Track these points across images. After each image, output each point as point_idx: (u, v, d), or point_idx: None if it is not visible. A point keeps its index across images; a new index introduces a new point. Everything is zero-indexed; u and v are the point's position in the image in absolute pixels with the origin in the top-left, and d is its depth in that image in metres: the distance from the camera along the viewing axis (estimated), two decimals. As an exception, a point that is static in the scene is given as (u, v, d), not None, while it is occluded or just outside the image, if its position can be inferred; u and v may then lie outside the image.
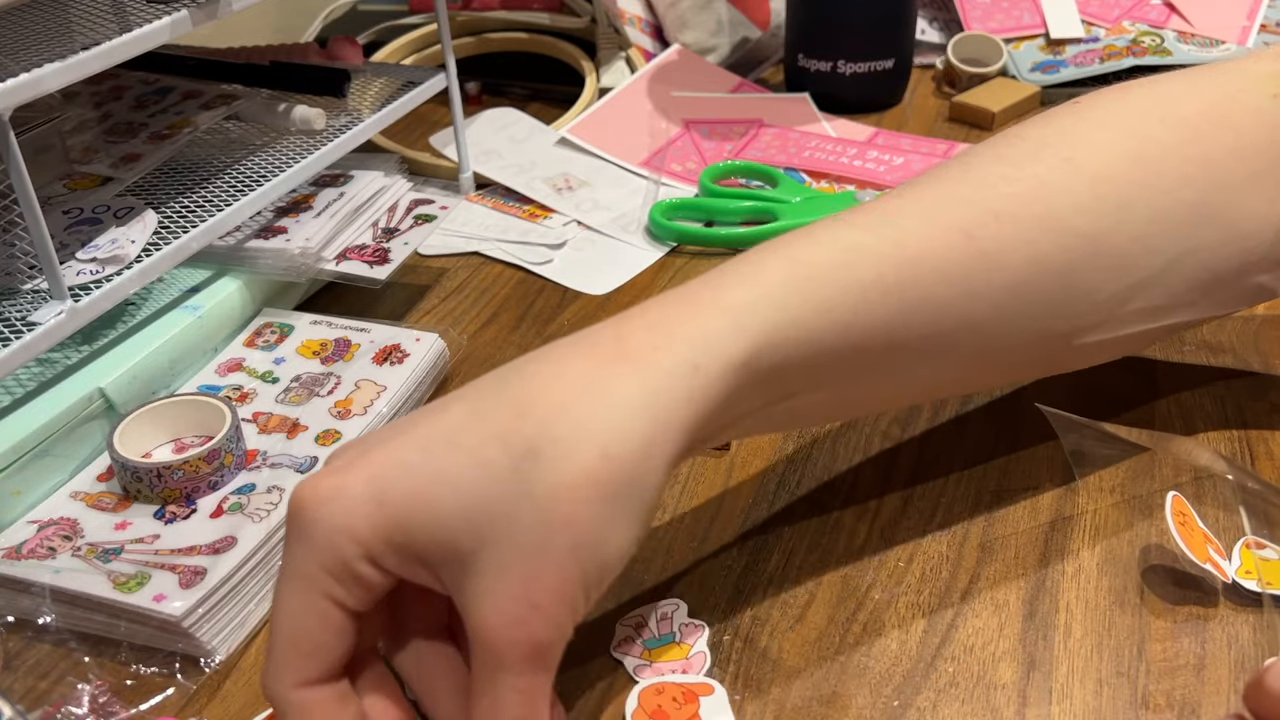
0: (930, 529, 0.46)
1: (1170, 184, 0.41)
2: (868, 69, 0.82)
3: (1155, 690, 0.38)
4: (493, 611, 0.31)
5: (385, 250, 0.61)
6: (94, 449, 0.50)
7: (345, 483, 0.33)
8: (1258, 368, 0.54)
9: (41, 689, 0.41)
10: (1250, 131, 0.43)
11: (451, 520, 0.32)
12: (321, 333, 0.57)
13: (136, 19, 0.49)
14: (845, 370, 0.38)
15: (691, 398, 0.34)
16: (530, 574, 0.31)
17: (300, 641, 0.33)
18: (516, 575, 0.31)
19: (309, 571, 0.32)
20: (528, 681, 0.32)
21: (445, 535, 0.32)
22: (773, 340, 0.36)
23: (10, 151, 0.43)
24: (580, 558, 0.32)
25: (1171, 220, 0.41)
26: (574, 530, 0.32)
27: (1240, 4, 0.89)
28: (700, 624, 0.42)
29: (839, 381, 0.39)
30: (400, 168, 0.68)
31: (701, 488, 0.49)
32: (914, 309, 0.38)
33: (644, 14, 0.91)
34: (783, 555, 0.45)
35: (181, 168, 0.59)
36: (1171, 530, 0.41)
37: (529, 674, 0.32)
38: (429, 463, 0.32)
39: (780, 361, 0.36)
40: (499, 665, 0.32)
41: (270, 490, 0.46)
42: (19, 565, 0.43)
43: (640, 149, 0.77)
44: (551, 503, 0.31)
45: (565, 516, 0.31)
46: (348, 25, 0.98)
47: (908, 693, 0.39)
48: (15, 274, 0.49)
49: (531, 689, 0.32)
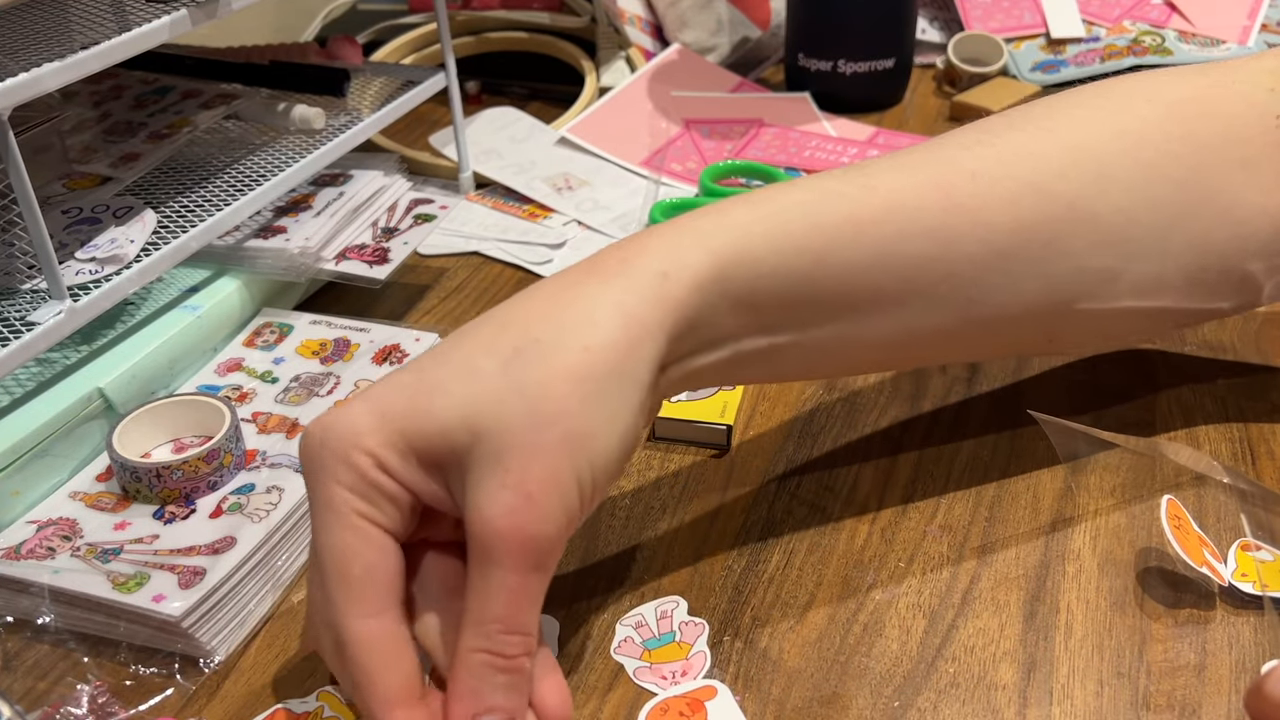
0: (930, 529, 0.46)
1: (1154, 158, 0.41)
2: (868, 69, 0.82)
3: (1156, 691, 0.38)
4: (486, 502, 0.32)
5: (385, 250, 0.61)
6: (93, 449, 0.50)
7: (346, 411, 0.34)
8: (1258, 368, 0.54)
9: (41, 689, 0.41)
10: (1241, 119, 0.42)
11: (448, 421, 0.33)
12: (321, 332, 0.57)
13: (136, 18, 0.49)
14: (823, 310, 0.39)
15: (662, 300, 0.35)
16: (522, 463, 0.32)
17: (350, 567, 0.33)
18: (508, 465, 0.32)
19: (335, 497, 0.34)
20: (517, 579, 0.33)
21: (443, 435, 0.33)
22: (742, 260, 0.37)
23: (9, 151, 0.43)
24: (570, 449, 0.33)
25: (1157, 196, 0.41)
26: (562, 422, 0.33)
27: (1241, 4, 0.89)
28: (700, 622, 0.42)
29: (818, 322, 0.39)
30: (400, 167, 0.68)
31: (701, 488, 0.49)
32: (889, 256, 0.39)
33: (644, 13, 0.91)
34: (783, 555, 0.45)
35: (181, 167, 0.59)
36: (1167, 534, 0.40)
37: (519, 571, 0.32)
38: (422, 378, 0.34)
39: (752, 285, 0.37)
40: (490, 559, 0.32)
41: (270, 490, 0.46)
42: (18, 565, 0.43)
43: (640, 148, 0.77)
44: (539, 397, 0.33)
45: (553, 409, 0.33)
46: (347, 25, 0.98)
47: (908, 693, 0.39)
48: (14, 274, 0.49)
49: (521, 588, 0.33)
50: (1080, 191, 0.41)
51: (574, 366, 0.34)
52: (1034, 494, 0.47)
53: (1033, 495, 0.47)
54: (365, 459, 0.34)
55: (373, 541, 0.34)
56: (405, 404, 0.34)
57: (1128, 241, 0.41)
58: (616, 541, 0.46)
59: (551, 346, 0.34)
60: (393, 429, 0.34)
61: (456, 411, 0.33)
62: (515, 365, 0.34)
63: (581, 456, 0.33)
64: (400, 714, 0.33)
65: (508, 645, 0.33)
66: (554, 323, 0.35)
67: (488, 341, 0.35)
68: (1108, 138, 0.42)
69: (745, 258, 0.37)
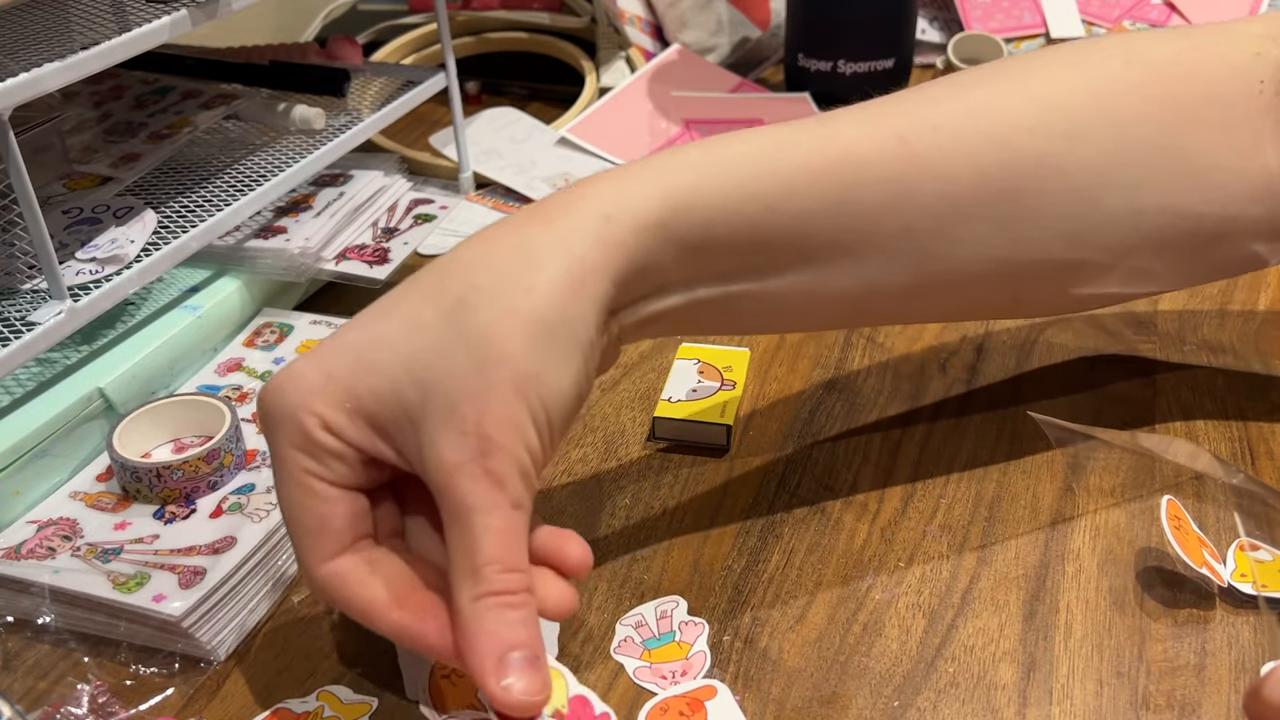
0: (930, 529, 0.46)
1: (1129, 119, 0.41)
2: (868, 69, 0.82)
3: (1155, 691, 0.38)
4: (448, 450, 0.32)
5: (385, 250, 0.61)
6: (93, 449, 0.50)
7: (295, 369, 0.35)
8: (1258, 368, 0.54)
9: (41, 689, 0.41)
10: (1223, 83, 0.42)
11: (394, 377, 0.33)
12: (321, 332, 0.57)
13: (136, 19, 0.49)
14: (778, 260, 0.39)
15: (605, 242, 0.35)
16: (476, 408, 0.32)
17: (304, 520, 0.35)
18: (463, 413, 0.32)
19: (285, 455, 0.34)
20: (500, 520, 0.33)
21: (390, 393, 0.33)
22: (690, 204, 0.36)
23: (10, 151, 0.43)
24: (521, 389, 0.33)
25: (1130, 156, 0.41)
26: (509, 363, 0.33)
27: (1240, 4, 0.89)
28: (700, 621, 0.42)
29: (772, 272, 0.39)
30: (400, 167, 0.68)
31: (701, 488, 0.49)
32: (844, 204, 0.38)
33: (644, 14, 0.91)
34: (783, 555, 0.45)
35: (181, 167, 0.59)
36: (1167, 534, 0.40)
37: (498, 509, 0.33)
38: (366, 333, 0.35)
39: (701, 230, 0.37)
40: (466, 507, 0.32)
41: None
42: (18, 565, 0.43)
43: (640, 148, 0.77)
44: (484, 341, 0.33)
45: (499, 352, 0.33)
46: (347, 25, 0.98)
47: (908, 693, 0.39)
48: (15, 274, 0.49)
49: (506, 527, 0.33)
50: (1049, 147, 0.40)
51: (517, 308, 0.33)
52: (1034, 494, 0.47)
53: (1033, 495, 0.47)
54: (311, 419, 0.34)
55: (319, 495, 0.34)
56: (351, 362, 0.34)
57: (1096, 201, 0.40)
58: (616, 541, 0.46)
59: (493, 291, 0.34)
60: (339, 388, 0.34)
61: (403, 367, 0.34)
62: (458, 314, 0.34)
63: (533, 396, 0.33)
64: (394, 616, 0.34)
65: (511, 582, 0.33)
66: (495, 268, 0.34)
67: (430, 293, 0.35)
68: (1082, 95, 0.41)
69: (693, 202, 0.37)
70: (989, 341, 0.57)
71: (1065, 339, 0.56)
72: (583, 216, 0.35)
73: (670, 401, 0.52)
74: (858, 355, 0.56)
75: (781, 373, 0.55)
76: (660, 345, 0.58)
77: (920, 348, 0.57)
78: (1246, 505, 0.45)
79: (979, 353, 0.56)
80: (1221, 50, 0.43)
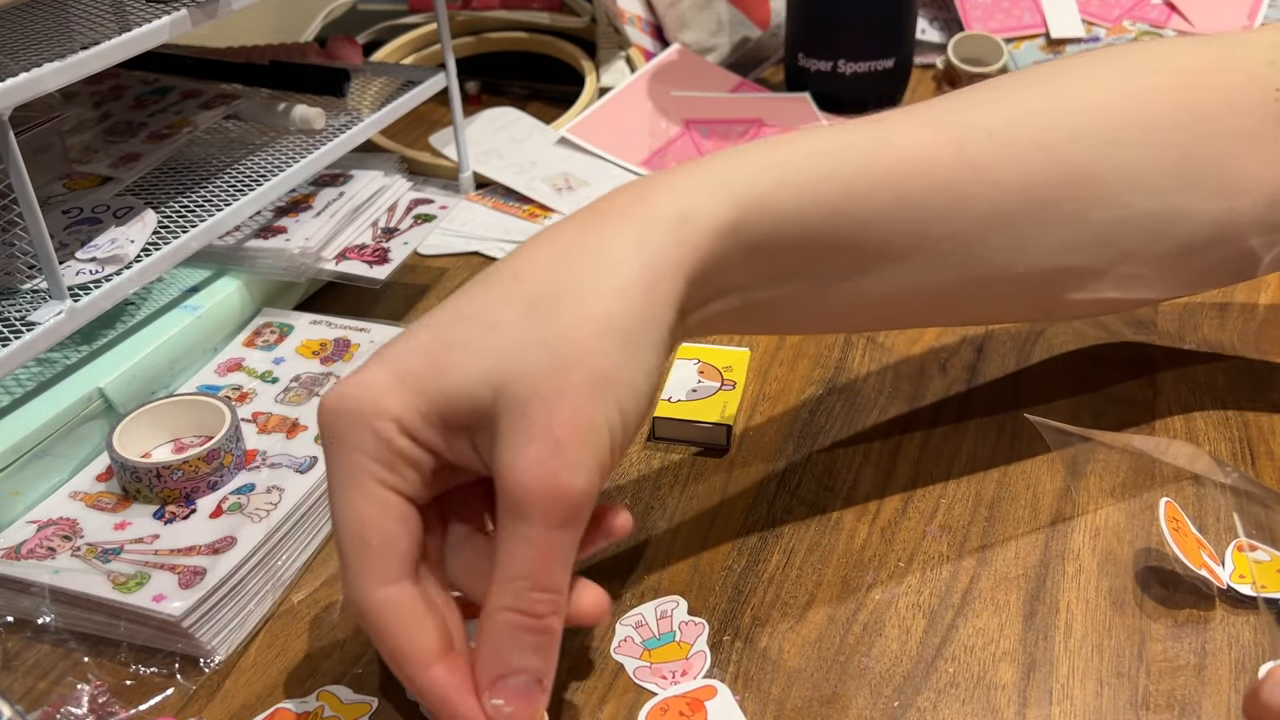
0: (930, 529, 0.46)
1: (1161, 125, 0.41)
2: (868, 69, 0.82)
3: (1155, 691, 0.38)
4: (513, 457, 0.32)
5: (385, 250, 0.61)
6: (93, 449, 0.50)
7: (364, 375, 0.33)
8: (1258, 368, 0.54)
9: (41, 689, 0.41)
10: (1241, 91, 0.42)
11: (469, 379, 0.32)
12: (321, 332, 0.57)
13: (136, 18, 0.49)
14: (833, 263, 0.39)
15: (681, 243, 0.34)
16: (547, 411, 0.31)
17: (368, 537, 0.33)
18: (534, 416, 0.32)
19: (356, 466, 0.33)
20: (545, 535, 0.32)
21: (466, 394, 0.32)
22: (761, 208, 0.36)
23: (10, 151, 0.43)
24: (597, 391, 0.32)
25: (1161, 163, 0.41)
26: (586, 363, 0.32)
27: (1240, 4, 0.89)
28: (700, 621, 0.42)
29: (826, 275, 0.39)
30: (400, 167, 0.68)
31: (701, 488, 0.49)
32: (902, 209, 0.38)
33: (644, 13, 0.91)
34: (783, 555, 0.45)
35: (181, 167, 0.59)
36: (1165, 536, 0.40)
37: (547, 525, 0.32)
38: (438, 335, 0.34)
39: (768, 233, 0.37)
40: (519, 514, 0.32)
41: (270, 490, 0.46)
42: (18, 565, 0.43)
43: (640, 149, 0.77)
44: (561, 342, 0.32)
45: (576, 351, 0.32)
46: (347, 25, 0.98)
47: (908, 693, 0.39)
48: (15, 274, 0.49)
49: (549, 544, 0.32)
50: (1089, 155, 0.40)
51: (595, 310, 0.33)
52: (1034, 494, 0.47)
53: (1032, 495, 0.47)
54: (388, 425, 0.33)
55: (392, 511, 0.33)
56: (423, 364, 0.33)
57: (1129, 206, 0.41)
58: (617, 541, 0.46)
59: (569, 293, 0.33)
60: (413, 391, 0.33)
61: (477, 367, 0.33)
62: (535, 315, 0.33)
63: (609, 398, 0.32)
64: (435, 671, 0.33)
65: (536, 604, 0.32)
66: (569, 269, 0.34)
67: (504, 294, 0.34)
68: (1117, 102, 0.41)
69: (763, 205, 0.36)
70: (989, 342, 0.57)
71: (1065, 339, 0.56)
72: (657, 217, 0.35)
73: (670, 401, 0.52)
74: (858, 355, 0.56)
75: (781, 373, 0.55)
76: (660, 345, 0.58)
77: (920, 348, 0.57)
78: (1245, 506, 0.45)
79: (979, 353, 0.56)
80: (1238, 60, 0.43)
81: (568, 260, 0.34)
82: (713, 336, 0.58)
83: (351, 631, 0.43)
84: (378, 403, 0.33)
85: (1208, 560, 0.41)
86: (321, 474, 0.47)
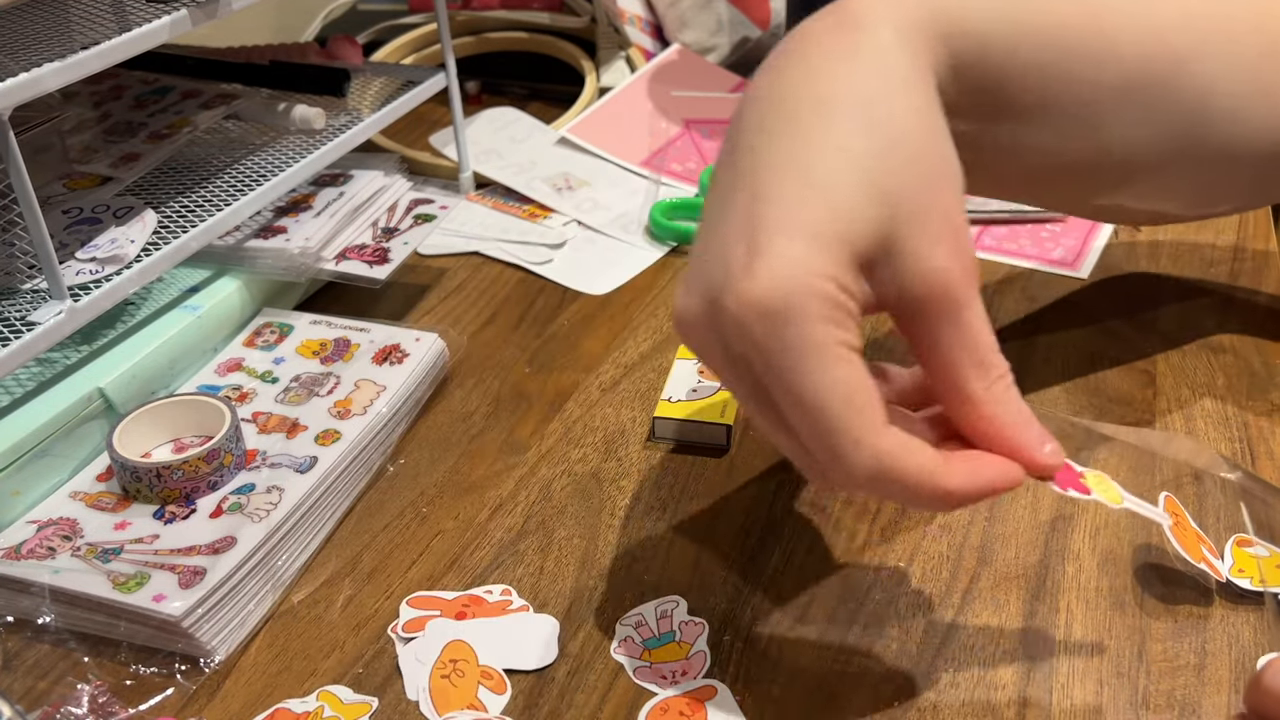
0: (930, 529, 0.46)
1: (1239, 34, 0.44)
2: (868, 68, 0.82)
3: (1155, 690, 0.38)
4: (934, 258, 0.33)
5: (385, 250, 0.61)
6: (93, 449, 0.50)
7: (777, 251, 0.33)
8: (1258, 368, 0.54)
9: (41, 689, 0.41)
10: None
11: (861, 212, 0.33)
12: (321, 332, 0.57)
13: (136, 18, 0.49)
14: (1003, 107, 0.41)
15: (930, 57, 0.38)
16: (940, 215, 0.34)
17: (856, 398, 0.33)
18: (932, 222, 0.34)
19: (821, 336, 0.32)
20: (979, 309, 0.35)
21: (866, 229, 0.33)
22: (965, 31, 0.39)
23: (10, 151, 0.43)
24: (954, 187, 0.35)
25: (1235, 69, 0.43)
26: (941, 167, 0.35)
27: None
28: (700, 621, 0.42)
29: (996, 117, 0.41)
30: (400, 167, 0.68)
31: (701, 488, 0.49)
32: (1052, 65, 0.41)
33: (644, 13, 0.91)
34: (783, 555, 0.45)
35: (181, 167, 0.59)
36: (1165, 530, 0.40)
37: (979, 302, 0.35)
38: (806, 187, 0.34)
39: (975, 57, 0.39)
40: (956, 304, 0.34)
41: (270, 490, 0.46)
42: (18, 565, 0.43)
43: (640, 149, 0.77)
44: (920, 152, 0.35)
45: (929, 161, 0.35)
46: (347, 25, 0.98)
47: (908, 693, 0.39)
48: (15, 274, 0.49)
49: (983, 316, 0.35)
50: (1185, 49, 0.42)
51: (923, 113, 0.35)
52: (1034, 493, 0.47)
53: (1032, 494, 0.47)
54: (829, 285, 0.33)
55: (860, 365, 0.33)
56: (820, 216, 0.33)
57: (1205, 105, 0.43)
58: (616, 541, 0.46)
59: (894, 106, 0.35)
60: (830, 245, 0.33)
61: (863, 199, 0.33)
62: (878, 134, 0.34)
63: (959, 188, 0.36)
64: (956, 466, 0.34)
65: (1004, 364, 0.35)
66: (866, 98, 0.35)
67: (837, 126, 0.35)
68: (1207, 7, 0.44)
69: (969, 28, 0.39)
70: (989, 341, 0.57)
71: (1065, 339, 0.56)
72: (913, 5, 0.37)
73: (670, 401, 0.52)
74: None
75: (781, 373, 0.55)
76: (660, 345, 0.58)
77: (920, 348, 0.56)
78: (1246, 503, 0.45)
79: (979, 353, 0.56)
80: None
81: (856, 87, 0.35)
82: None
83: (352, 631, 0.43)
84: (809, 269, 0.32)
85: (1207, 555, 0.41)
86: (321, 474, 0.47)
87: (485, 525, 0.48)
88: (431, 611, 0.43)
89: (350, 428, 0.50)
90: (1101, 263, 0.63)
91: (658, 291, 0.63)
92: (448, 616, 0.43)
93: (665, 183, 0.74)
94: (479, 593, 0.44)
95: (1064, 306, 0.59)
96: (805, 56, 0.36)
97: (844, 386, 0.32)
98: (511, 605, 0.43)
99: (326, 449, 0.49)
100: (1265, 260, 0.62)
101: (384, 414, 0.51)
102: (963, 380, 0.35)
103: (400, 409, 0.52)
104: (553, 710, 0.39)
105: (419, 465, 0.51)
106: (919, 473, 0.33)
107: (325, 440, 0.49)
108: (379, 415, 0.51)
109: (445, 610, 0.43)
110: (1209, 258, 0.62)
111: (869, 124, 0.34)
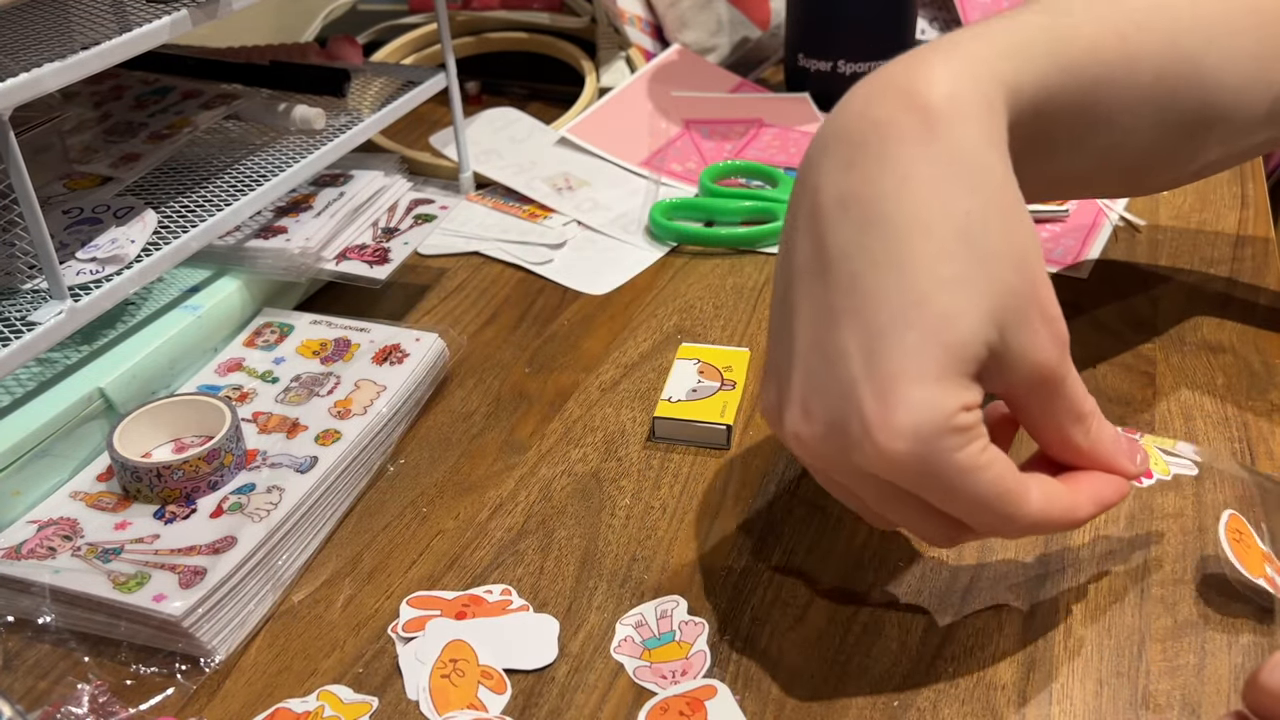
0: (930, 529, 0.46)
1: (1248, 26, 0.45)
2: (868, 69, 0.82)
3: (1156, 691, 0.38)
4: (1036, 349, 0.36)
5: (385, 250, 0.61)
6: (94, 449, 0.50)
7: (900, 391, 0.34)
8: (1257, 368, 0.54)
9: (41, 689, 0.41)
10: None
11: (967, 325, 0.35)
12: (321, 332, 0.57)
13: (136, 19, 0.49)
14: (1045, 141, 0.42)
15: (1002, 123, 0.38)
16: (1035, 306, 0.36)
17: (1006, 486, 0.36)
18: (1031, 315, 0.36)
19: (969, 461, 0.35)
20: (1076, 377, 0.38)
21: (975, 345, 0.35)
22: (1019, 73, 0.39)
23: (10, 151, 0.43)
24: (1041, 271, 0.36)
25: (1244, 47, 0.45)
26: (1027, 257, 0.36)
27: None
28: (700, 621, 0.42)
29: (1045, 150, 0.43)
30: (400, 167, 0.68)
31: (701, 488, 0.49)
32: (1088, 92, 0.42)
33: (644, 14, 0.91)
34: (783, 555, 0.45)
35: (181, 167, 0.59)
36: (1225, 547, 0.40)
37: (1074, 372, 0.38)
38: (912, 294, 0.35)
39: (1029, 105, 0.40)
40: (1059, 380, 0.37)
41: (270, 490, 0.46)
42: (19, 565, 0.43)
43: (640, 149, 0.77)
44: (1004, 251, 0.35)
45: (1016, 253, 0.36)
46: (348, 25, 0.98)
47: (908, 693, 0.39)
48: (15, 274, 0.49)
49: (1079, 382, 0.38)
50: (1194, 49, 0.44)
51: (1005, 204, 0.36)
52: (1034, 494, 0.47)
53: (1032, 495, 0.47)
54: (963, 415, 0.35)
55: (1001, 459, 0.36)
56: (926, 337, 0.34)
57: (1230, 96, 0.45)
58: (616, 541, 0.46)
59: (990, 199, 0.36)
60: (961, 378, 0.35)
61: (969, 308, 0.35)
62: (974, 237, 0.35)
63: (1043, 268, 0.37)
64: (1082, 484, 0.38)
65: (1092, 401, 0.38)
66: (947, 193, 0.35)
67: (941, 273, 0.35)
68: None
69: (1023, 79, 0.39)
70: (989, 341, 0.57)
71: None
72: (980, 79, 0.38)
73: (670, 401, 0.52)
74: (858, 355, 0.56)
75: (781, 373, 0.55)
76: (660, 345, 0.58)
77: (920, 348, 0.56)
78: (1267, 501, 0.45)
79: (979, 353, 0.56)
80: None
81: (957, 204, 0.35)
82: (713, 337, 0.58)
83: (352, 631, 0.43)
84: (944, 409, 0.34)
85: (1271, 573, 0.41)
86: (321, 474, 0.47)
87: (485, 525, 0.48)
88: (431, 611, 0.43)
89: (350, 428, 0.50)
90: (1101, 262, 0.63)
91: (658, 291, 0.63)
92: (448, 616, 0.43)
93: (665, 183, 0.74)
94: (479, 592, 0.44)
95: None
96: (889, 160, 0.36)
97: (995, 485, 0.35)
98: (511, 605, 0.43)
99: (327, 449, 0.49)
100: (1265, 260, 0.62)
101: (384, 414, 0.51)
102: (1068, 435, 0.38)
103: (400, 409, 0.52)
104: (553, 710, 0.39)
105: (419, 465, 0.51)
106: (1063, 516, 0.37)
107: (325, 440, 0.49)
108: (379, 415, 0.51)
109: (445, 610, 0.43)
110: (1209, 257, 0.62)
111: (974, 247, 0.35)
